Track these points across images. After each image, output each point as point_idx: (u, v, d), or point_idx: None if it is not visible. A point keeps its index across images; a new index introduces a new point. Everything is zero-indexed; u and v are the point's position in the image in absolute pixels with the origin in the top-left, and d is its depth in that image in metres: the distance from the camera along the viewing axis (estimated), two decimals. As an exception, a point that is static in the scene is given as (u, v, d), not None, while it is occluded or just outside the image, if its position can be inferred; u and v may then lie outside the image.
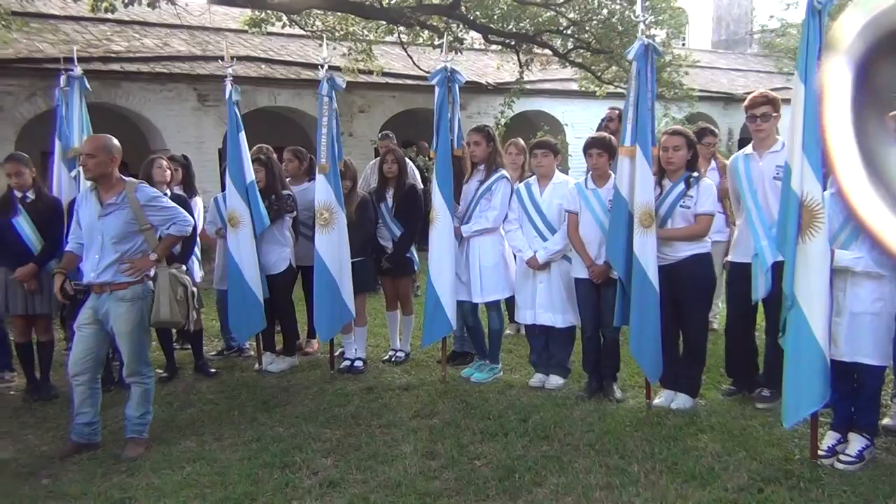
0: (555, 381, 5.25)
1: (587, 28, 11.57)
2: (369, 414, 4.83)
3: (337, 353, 6.02)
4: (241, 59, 12.29)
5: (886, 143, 0.65)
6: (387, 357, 6.08)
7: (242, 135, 5.68)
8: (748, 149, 4.65)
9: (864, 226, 0.66)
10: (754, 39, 23.22)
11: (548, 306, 5.18)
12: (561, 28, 11.73)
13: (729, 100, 17.36)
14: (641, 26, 4.77)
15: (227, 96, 5.79)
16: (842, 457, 3.77)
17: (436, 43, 11.26)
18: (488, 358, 5.59)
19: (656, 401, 4.79)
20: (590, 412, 4.71)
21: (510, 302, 5.84)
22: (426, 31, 11.41)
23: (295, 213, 5.88)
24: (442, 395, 5.18)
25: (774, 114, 4.47)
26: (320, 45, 5.89)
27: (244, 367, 6.13)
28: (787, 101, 3.96)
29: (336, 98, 5.66)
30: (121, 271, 4.22)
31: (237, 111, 5.77)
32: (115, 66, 11.28)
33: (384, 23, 11.50)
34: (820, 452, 3.82)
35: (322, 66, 5.55)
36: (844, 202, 0.66)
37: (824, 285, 3.64)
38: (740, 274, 4.59)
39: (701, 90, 15.44)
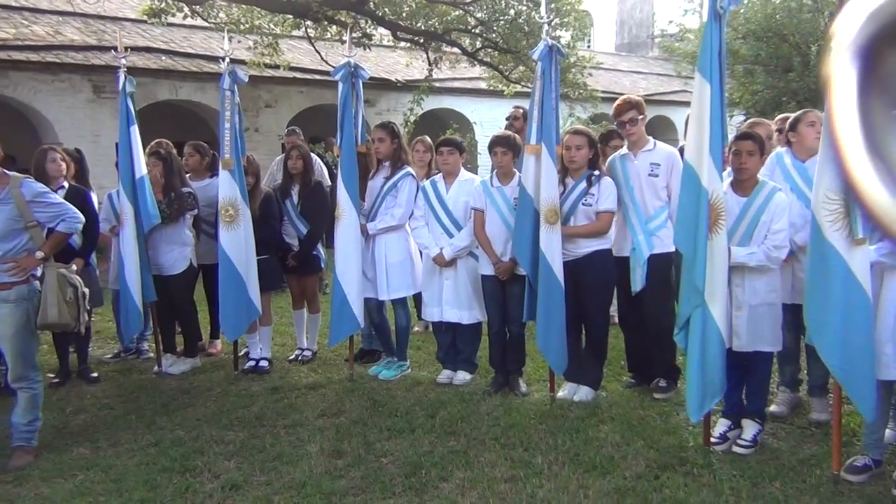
0: (462, 376, 5.29)
1: (495, 28, 11.72)
2: (274, 414, 4.74)
3: (241, 354, 5.88)
4: (139, 49, 11.82)
5: (893, 134, 0.65)
6: (293, 356, 5.99)
7: (135, 128, 5.47)
8: (624, 149, 4.85)
9: (875, 217, 0.65)
10: (655, 43, 24.08)
11: (454, 303, 5.21)
12: (469, 27, 11.83)
13: (632, 101, 17.90)
14: (546, 27, 4.86)
15: (120, 88, 5.55)
16: (739, 441, 3.96)
17: (344, 38, 11.15)
18: (396, 355, 5.58)
19: (560, 393, 4.90)
20: (496, 406, 4.77)
21: (418, 299, 5.85)
22: (334, 27, 11.29)
23: (196, 210, 5.70)
24: (349, 393, 5.14)
25: (640, 116, 4.70)
26: (227, 38, 5.73)
27: (143, 370, 5.91)
28: (686, 103, 4.12)
29: (238, 92, 5.51)
30: (4, 271, 3.98)
31: (131, 104, 5.55)
32: (2, 55, 10.64)
33: (291, 17, 11.30)
34: (712, 439, 4.00)
35: (224, 59, 5.40)
36: (854, 192, 0.66)
37: (725, 281, 3.80)
38: (621, 268, 4.78)
39: (604, 91, 15.89)
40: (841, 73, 0.66)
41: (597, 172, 4.77)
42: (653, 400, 4.82)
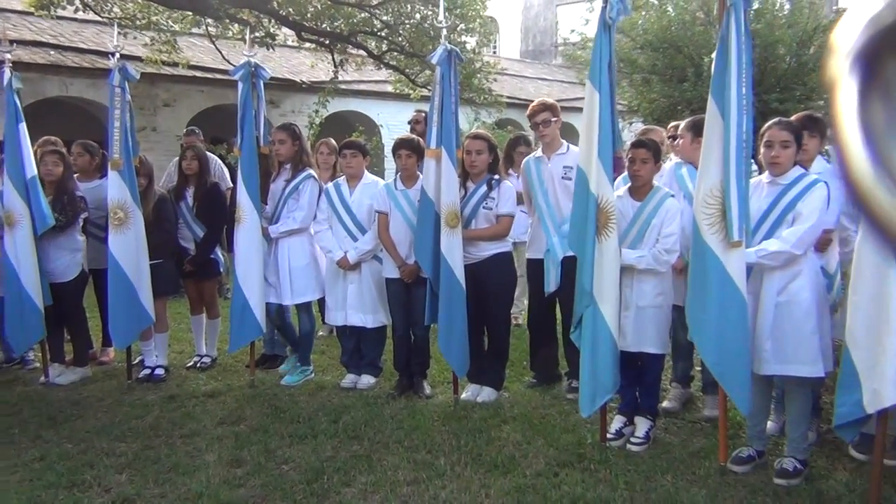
0: (366, 380, 5.26)
1: (401, 31, 11.73)
2: (170, 424, 4.58)
3: (136, 362, 5.65)
4: (26, 43, 11.19)
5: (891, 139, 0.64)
6: (191, 363, 5.80)
7: (23, 126, 5.18)
8: (538, 152, 4.96)
9: (882, 230, 0.65)
10: (558, 51, 24.67)
11: (358, 307, 5.18)
12: (375, 30, 11.79)
13: (535, 107, 18.27)
14: (444, 32, 4.91)
15: (4, 83, 5.24)
16: (633, 439, 4.09)
17: (246, 38, 10.90)
18: (299, 360, 5.49)
19: (463, 395, 4.95)
20: (400, 410, 4.77)
21: (322, 303, 5.78)
22: (236, 25, 11.01)
23: (85, 212, 5.45)
24: (250, 400, 5.02)
25: (554, 119, 4.81)
26: (120, 33, 5.49)
27: (27, 381, 5.59)
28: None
29: (133, 90, 5.30)
30: None
31: (17, 100, 5.25)
32: None
33: (190, 14, 10.95)
34: (608, 436, 4.12)
35: (113, 55, 5.18)
36: (860, 205, 0.64)
37: (616, 282, 3.93)
38: (536, 270, 4.87)
39: (510, 97, 16.17)
40: (842, 80, 0.65)
41: (497, 176, 4.84)
42: (553, 399, 4.93)
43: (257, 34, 10.46)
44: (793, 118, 3.87)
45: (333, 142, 6.21)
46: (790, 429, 3.71)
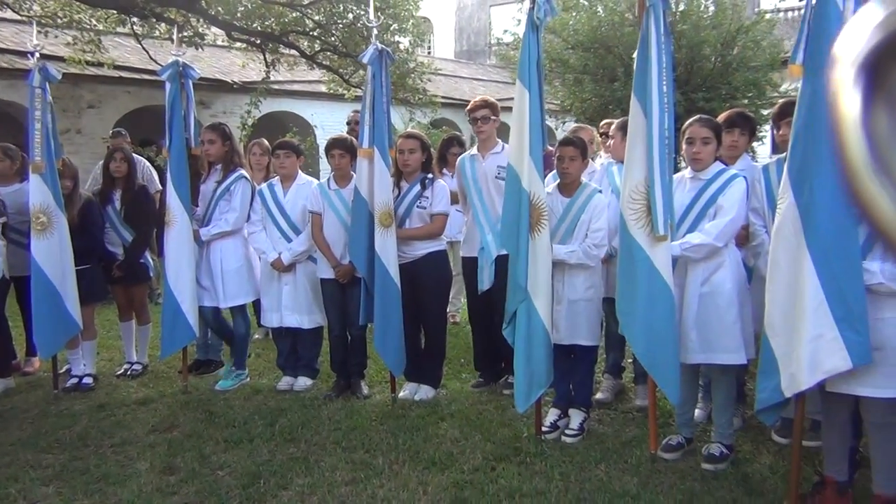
0: (303, 382, 5.22)
1: (333, 31, 11.64)
2: (100, 434, 4.46)
3: (62, 371, 5.47)
4: (-62, 42, 10.70)
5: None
6: (121, 371, 5.65)
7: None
8: (473, 150, 5.01)
9: (884, 235, 0.65)
10: (493, 51, 24.87)
11: (294, 308, 5.14)
12: (307, 29, 11.67)
13: (470, 107, 18.40)
14: (375, 31, 4.91)
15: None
16: (567, 431, 4.17)
17: (174, 37, 10.64)
18: (234, 363, 5.41)
19: (401, 394, 4.96)
20: (337, 410, 4.75)
21: (257, 306, 5.71)
22: (163, 24, 10.74)
23: (4, 218, 5.24)
24: (183, 406, 4.92)
25: (493, 117, 4.86)
26: (40, 32, 5.30)
27: (-54, 395, 5.36)
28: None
29: (55, 91, 5.13)
30: None
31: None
32: None
33: (115, 12, 10.63)
34: (544, 429, 4.20)
35: (33, 55, 5.00)
36: (862, 211, 0.64)
37: (549, 277, 4.00)
38: (471, 268, 4.92)
39: (444, 97, 16.22)
40: (845, 87, 0.65)
41: (430, 176, 4.87)
42: (491, 395, 4.99)
43: (185, 33, 10.22)
44: (724, 115, 4.00)
45: (266, 142, 6.15)
46: (716, 415, 3.85)
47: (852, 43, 0.67)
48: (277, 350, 5.44)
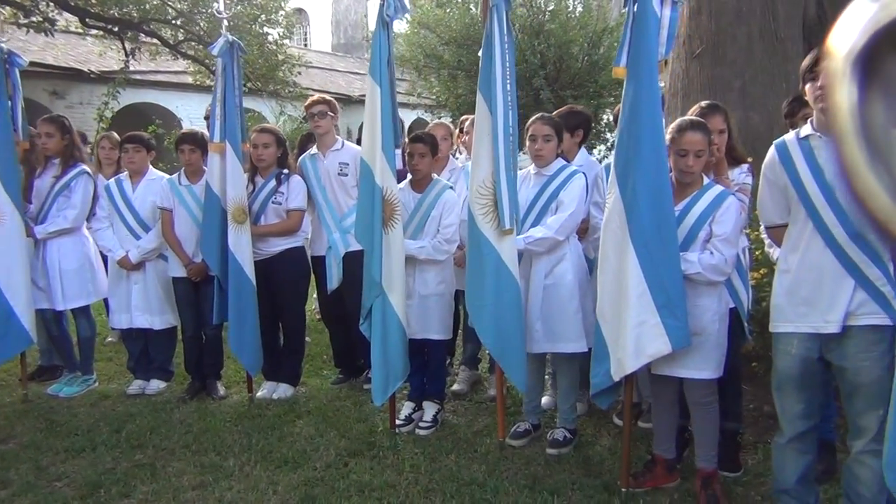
0: (155, 385, 5.03)
1: (198, 21, 11.24)
2: (-78, 449, 4.13)
3: None
4: None
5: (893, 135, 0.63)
6: (-47, 381, 5.25)
7: None
8: (314, 149, 4.97)
9: (882, 228, 0.64)
10: (369, 45, 24.75)
11: (144, 308, 4.94)
12: (169, 18, 11.21)
13: (347, 101, 18.30)
14: (225, 23, 4.78)
15: None
16: (421, 423, 4.22)
17: (21, 21, 9.96)
18: (80, 369, 5.14)
19: (259, 393, 4.87)
20: (190, 413, 4.61)
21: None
22: (8, 8, 10.02)
23: None
24: (22, 416, 4.63)
25: (330, 113, 4.85)
26: None
27: None
28: (401, 104, 4.22)
29: None
30: None
31: None
32: None
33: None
34: (398, 422, 4.23)
35: None
36: (860, 204, 0.62)
37: (403, 272, 4.03)
38: (321, 267, 4.89)
39: (320, 90, 16.01)
40: (840, 79, 0.66)
41: (286, 171, 4.80)
42: (349, 391, 4.98)
43: (33, 18, 9.59)
44: (554, 113, 4.15)
45: (116, 136, 5.87)
46: (560, 401, 4.00)
47: (846, 37, 0.69)
48: (128, 352, 5.21)
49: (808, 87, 2.64)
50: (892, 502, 2.60)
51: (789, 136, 2.79)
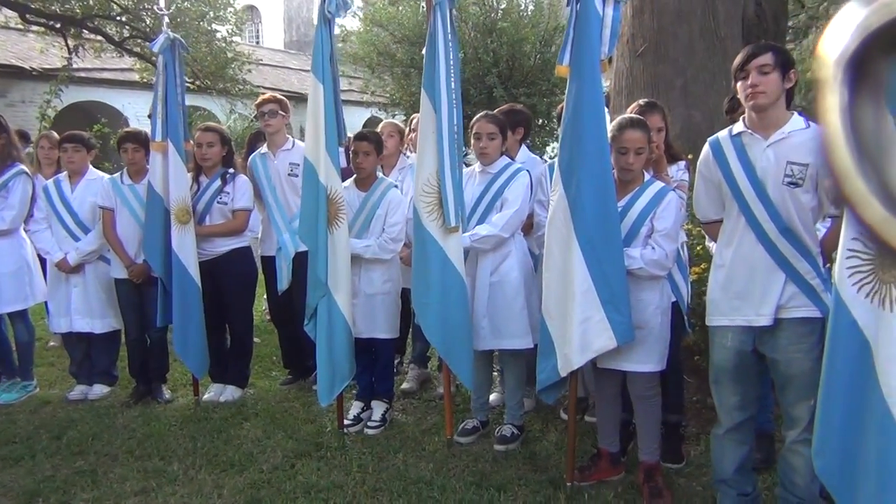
0: (99, 390, 4.93)
1: (144, 17, 11.00)
2: None
3: None
4: None
5: (884, 137, 0.62)
6: None
7: None
8: (263, 148, 4.91)
9: (871, 230, 0.62)
10: (321, 43, 24.52)
11: (85, 311, 4.83)
12: (113, 14, 10.94)
13: (300, 99, 18.07)
14: (166, 20, 4.69)
15: None
16: (369, 423, 4.21)
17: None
18: (19, 375, 5.00)
19: (206, 396, 4.80)
20: (134, 418, 4.52)
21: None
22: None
23: None
24: (-44, 425, 4.49)
25: (282, 113, 4.80)
26: None
27: None
28: (353, 102, 4.16)
29: None
30: None
31: None
32: None
33: None
34: (346, 422, 4.21)
35: None
36: (849, 206, 0.60)
37: (348, 271, 4.00)
38: (271, 267, 4.84)
39: (272, 88, 15.82)
40: (829, 86, 0.65)
41: (231, 170, 4.73)
42: (299, 391, 4.93)
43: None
44: (496, 111, 4.17)
45: (55, 135, 5.73)
46: (508, 398, 4.03)
47: (835, 42, 0.69)
48: (69, 357, 5.09)
49: (739, 85, 2.70)
50: (824, 489, 2.67)
51: (722, 134, 2.85)
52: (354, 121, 18.38)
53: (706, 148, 2.89)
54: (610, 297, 3.10)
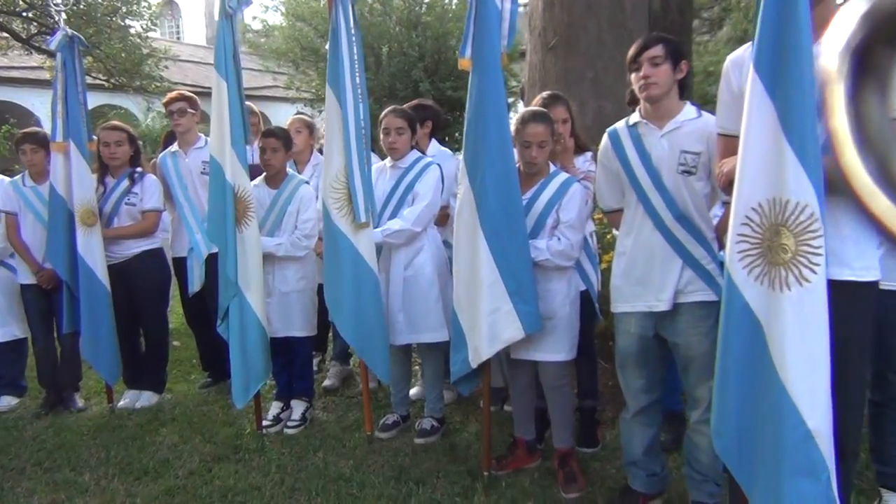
0: (6, 402, 4.76)
1: (52, 14, 10.57)
2: None
3: None
4: None
5: (889, 129, 0.59)
6: None
7: None
8: (175, 146, 4.80)
9: (878, 222, 0.60)
10: (244, 38, 24.08)
11: (-13, 320, 4.63)
12: (19, 10, 10.49)
13: (222, 95, 17.69)
14: (63, 16, 4.53)
15: None
16: (289, 423, 4.16)
17: None
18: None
19: (121, 403, 4.67)
20: (44, 429, 4.37)
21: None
22: None
23: None
24: None
25: (191, 110, 4.71)
26: None
27: None
28: (277, 98, 4.05)
29: None
30: None
31: None
32: None
33: None
34: (265, 423, 4.16)
35: None
36: (856, 198, 0.58)
37: (260, 270, 3.94)
38: (182, 268, 4.74)
39: (194, 85, 15.47)
40: (837, 75, 0.64)
41: (139, 170, 4.61)
42: (218, 394, 4.84)
43: None
44: (405, 105, 4.17)
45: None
46: (427, 391, 4.05)
47: (839, 33, 0.69)
48: (-26, 369, 4.87)
49: (633, 76, 2.76)
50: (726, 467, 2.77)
51: (620, 124, 2.92)
52: (280, 117, 18.10)
53: (605, 138, 2.96)
54: (517, 288, 3.13)
